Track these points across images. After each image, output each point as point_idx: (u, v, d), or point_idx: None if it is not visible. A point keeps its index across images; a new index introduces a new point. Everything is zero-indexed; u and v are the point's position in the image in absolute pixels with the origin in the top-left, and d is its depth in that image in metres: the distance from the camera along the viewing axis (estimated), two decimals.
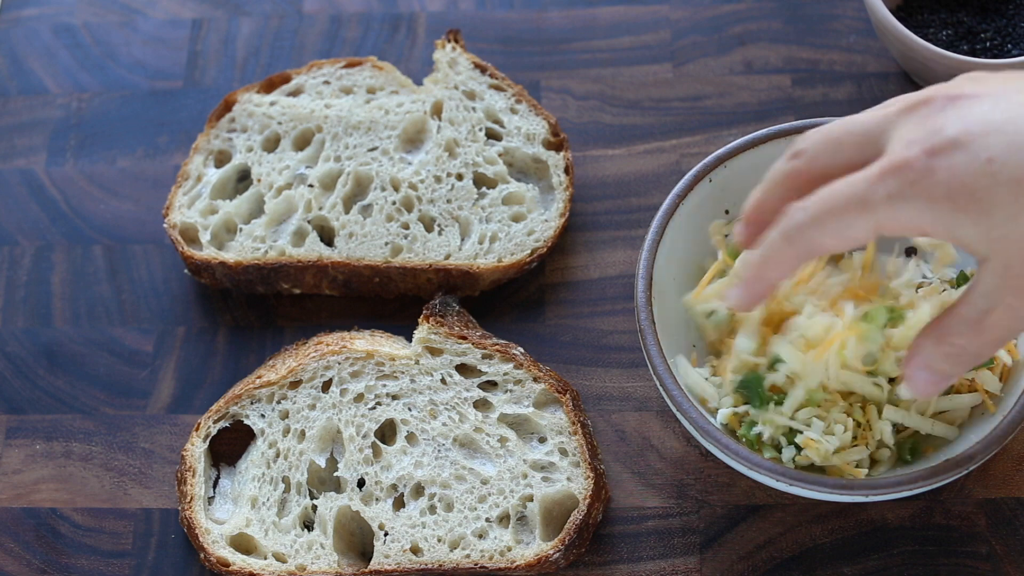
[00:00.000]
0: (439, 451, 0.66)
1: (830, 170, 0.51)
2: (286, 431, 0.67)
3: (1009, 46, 0.74)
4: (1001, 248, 0.48)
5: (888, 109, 0.51)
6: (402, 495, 0.66)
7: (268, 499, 0.66)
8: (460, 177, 0.74)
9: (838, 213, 0.49)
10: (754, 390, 0.59)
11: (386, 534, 0.65)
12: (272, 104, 0.77)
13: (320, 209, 0.74)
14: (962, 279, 0.63)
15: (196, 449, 0.68)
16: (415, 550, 0.64)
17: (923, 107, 0.49)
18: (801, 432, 0.59)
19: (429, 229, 0.73)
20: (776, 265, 0.52)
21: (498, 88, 0.77)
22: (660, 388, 0.61)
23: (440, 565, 0.64)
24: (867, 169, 0.49)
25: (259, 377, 0.69)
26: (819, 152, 0.52)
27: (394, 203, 0.73)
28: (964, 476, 0.65)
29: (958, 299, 0.51)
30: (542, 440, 0.66)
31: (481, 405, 0.67)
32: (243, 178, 0.77)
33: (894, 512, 0.65)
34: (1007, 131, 0.47)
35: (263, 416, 0.68)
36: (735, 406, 0.62)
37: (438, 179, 0.74)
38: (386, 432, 0.68)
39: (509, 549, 0.64)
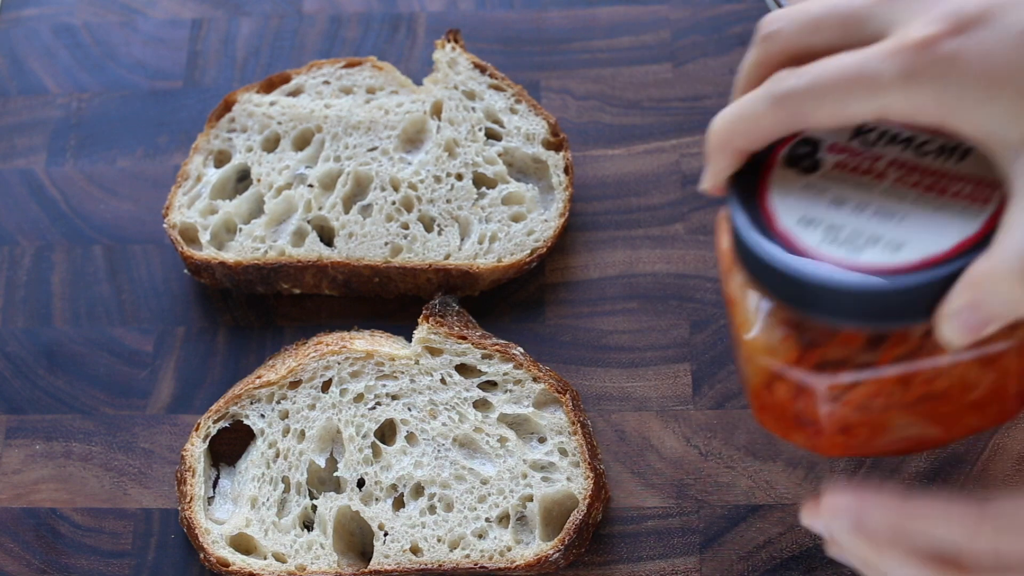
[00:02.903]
0: (439, 451, 0.66)
1: (808, 57, 0.46)
2: (286, 431, 0.68)
3: None
4: None
5: None
6: (402, 495, 0.66)
7: (268, 499, 0.66)
8: (460, 177, 0.74)
9: (841, 87, 0.44)
10: None
11: (386, 534, 0.65)
12: (272, 104, 0.77)
13: (320, 209, 0.74)
14: None
15: (196, 449, 0.68)
16: (415, 550, 0.64)
17: None
18: None
19: (429, 229, 0.73)
20: (754, 127, 0.46)
21: (498, 88, 0.77)
22: None
23: (440, 565, 0.64)
24: (877, 46, 0.44)
25: (259, 377, 0.69)
26: (795, 34, 0.47)
27: (394, 203, 0.73)
28: (964, 477, 0.65)
29: (1000, 238, 0.44)
30: (542, 440, 0.66)
31: (481, 405, 0.67)
32: (243, 178, 0.77)
33: None
34: None
35: (263, 416, 0.68)
36: None
37: (438, 179, 0.74)
38: (386, 432, 0.68)
39: (509, 549, 0.64)
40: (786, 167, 0.50)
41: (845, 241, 0.48)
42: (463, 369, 0.68)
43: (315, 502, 0.66)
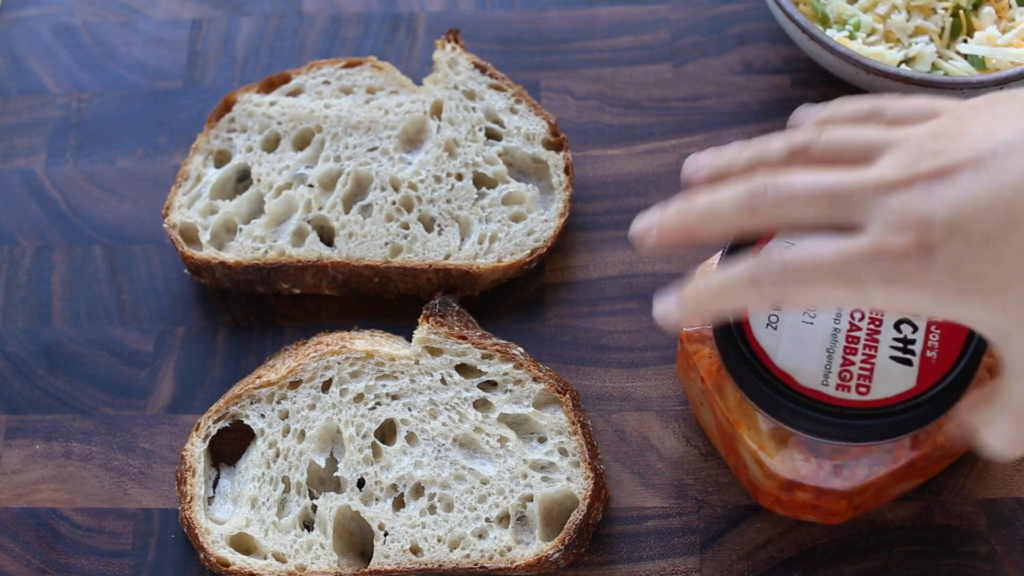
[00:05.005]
0: (439, 451, 0.66)
1: (794, 224, 0.49)
2: (286, 431, 0.67)
3: None
4: None
5: (864, 178, 0.48)
6: (402, 495, 0.66)
7: (268, 499, 0.66)
8: (460, 177, 0.74)
9: (825, 282, 0.47)
10: None
11: (386, 534, 0.65)
12: (272, 104, 0.77)
13: (320, 209, 0.74)
14: None
15: (196, 449, 0.68)
16: (415, 550, 0.64)
17: (902, 189, 0.46)
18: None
19: (429, 229, 0.73)
20: (730, 301, 0.50)
21: (498, 88, 0.77)
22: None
23: (440, 565, 0.64)
24: (855, 242, 0.47)
25: (259, 377, 0.69)
26: (783, 206, 0.49)
27: (394, 203, 0.73)
28: (964, 477, 0.65)
29: (998, 388, 0.50)
30: (542, 440, 0.66)
31: (481, 405, 0.67)
32: (243, 178, 0.77)
33: (894, 512, 0.65)
34: (998, 208, 0.45)
35: (263, 416, 0.68)
36: None
37: (438, 179, 0.74)
38: (386, 432, 0.68)
39: (509, 549, 0.64)
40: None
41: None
42: (463, 369, 0.68)
43: (315, 502, 0.66)
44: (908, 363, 0.54)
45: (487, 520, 0.64)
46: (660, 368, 0.70)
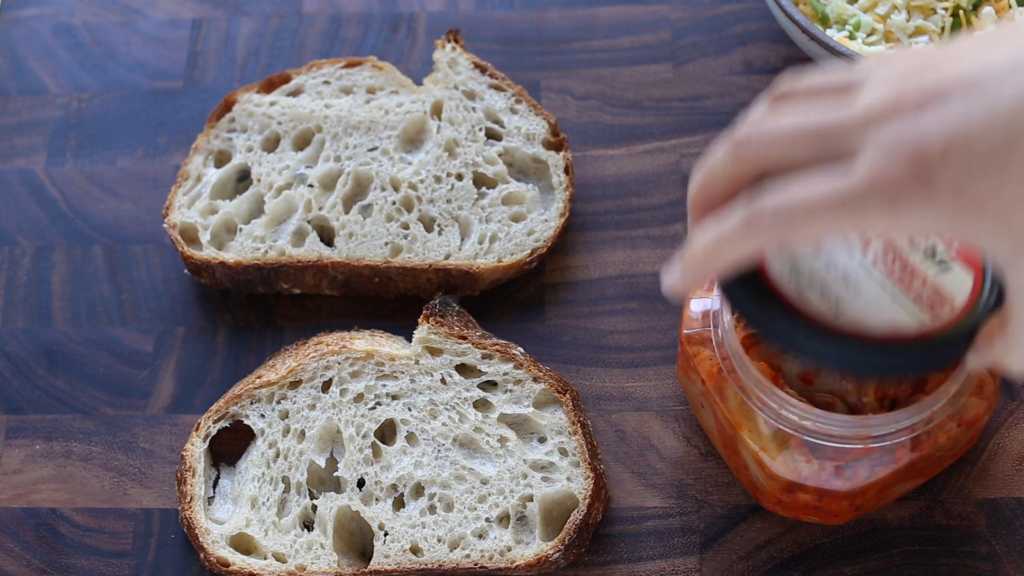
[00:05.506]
0: (439, 451, 0.66)
1: (782, 167, 0.47)
2: (286, 431, 0.67)
3: None
4: None
5: (850, 111, 0.46)
6: (402, 495, 0.66)
7: (268, 499, 0.66)
8: (460, 177, 0.74)
9: (824, 218, 0.45)
10: None
11: (386, 534, 0.65)
12: (272, 104, 0.77)
13: (320, 209, 0.74)
14: None
15: (196, 449, 0.68)
16: (415, 550, 0.64)
17: (891, 117, 0.44)
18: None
19: (429, 229, 0.73)
20: (730, 252, 0.47)
21: (498, 88, 0.77)
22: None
23: (440, 565, 0.64)
24: (850, 176, 0.45)
25: (259, 377, 0.69)
26: (769, 148, 0.47)
27: (394, 203, 0.73)
28: (964, 477, 0.65)
29: (1007, 318, 0.48)
30: (542, 440, 0.66)
31: (481, 405, 0.67)
32: (243, 178, 0.77)
33: (894, 512, 0.65)
34: (996, 130, 0.43)
35: (263, 416, 0.68)
36: None
37: (438, 179, 0.74)
38: (386, 432, 0.68)
39: (509, 549, 0.64)
40: None
41: (805, 282, 0.51)
42: (463, 369, 0.68)
43: (315, 502, 0.66)
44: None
45: (487, 520, 0.64)
46: (660, 368, 0.70)
